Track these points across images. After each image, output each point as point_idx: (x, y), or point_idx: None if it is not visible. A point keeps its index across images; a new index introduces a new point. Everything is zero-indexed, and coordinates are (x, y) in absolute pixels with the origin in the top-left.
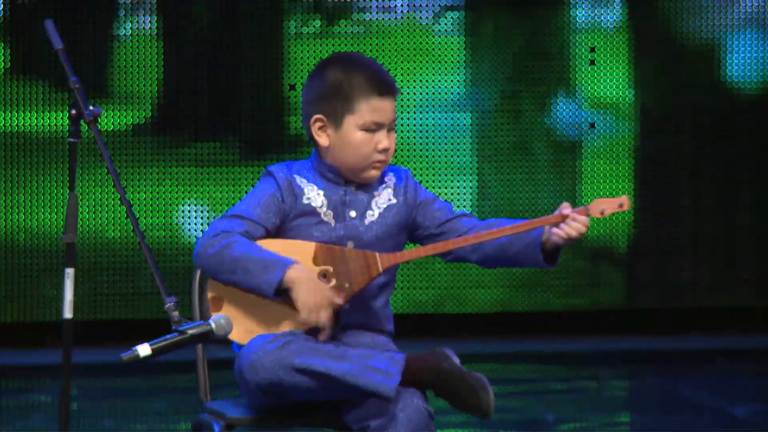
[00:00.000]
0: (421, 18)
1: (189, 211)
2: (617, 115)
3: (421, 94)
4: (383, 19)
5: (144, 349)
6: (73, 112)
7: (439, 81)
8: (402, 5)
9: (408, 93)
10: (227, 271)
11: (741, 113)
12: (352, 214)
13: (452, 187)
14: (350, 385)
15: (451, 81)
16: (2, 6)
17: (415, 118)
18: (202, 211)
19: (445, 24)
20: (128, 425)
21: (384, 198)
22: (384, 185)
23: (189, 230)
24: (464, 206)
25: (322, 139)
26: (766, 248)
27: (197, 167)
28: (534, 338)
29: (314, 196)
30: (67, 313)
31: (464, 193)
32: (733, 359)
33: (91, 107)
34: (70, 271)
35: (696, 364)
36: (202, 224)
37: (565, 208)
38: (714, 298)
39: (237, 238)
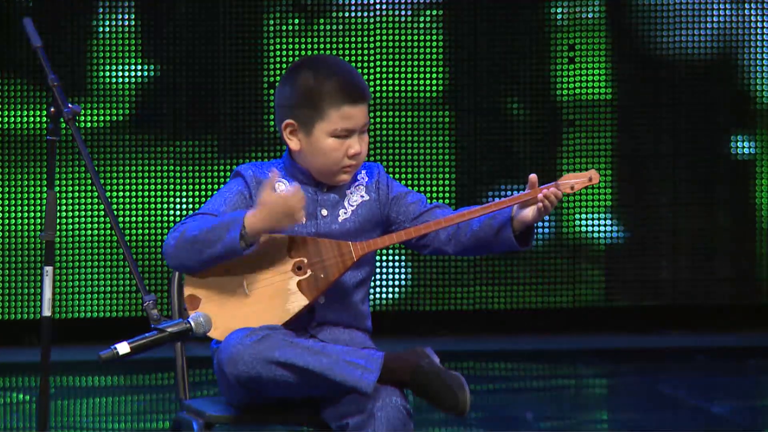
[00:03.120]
0: (400, 16)
1: (168, 209)
2: (596, 113)
3: (400, 92)
4: (362, 17)
5: (123, 347)
6: (52, 109)
7: (419, 79)
8: (381, 3)
9: (387, 91)
10: (194, 254)
11: (720, 111)
12: (324, 212)
13: (431, 186)
14: (328, 380)
15: (431, 79)
16: None
17: (394, 116)
18: (180, 209)
19: (424, 22)
20: (107, 424)
21: (356, 196)
22: (356, 183)
23: (168, 228)
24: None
25: (293, 143)
26: (744, 246)
27: (176, 165)
28: (513, 336)
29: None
30: (46, 311)
31: (443, 192)
32: (712, 357)
33: (69, 105)
34: (48, 269)
35: (675, 361)
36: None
37: (535, 184)
38: (693, 296)
39: (188, 223)
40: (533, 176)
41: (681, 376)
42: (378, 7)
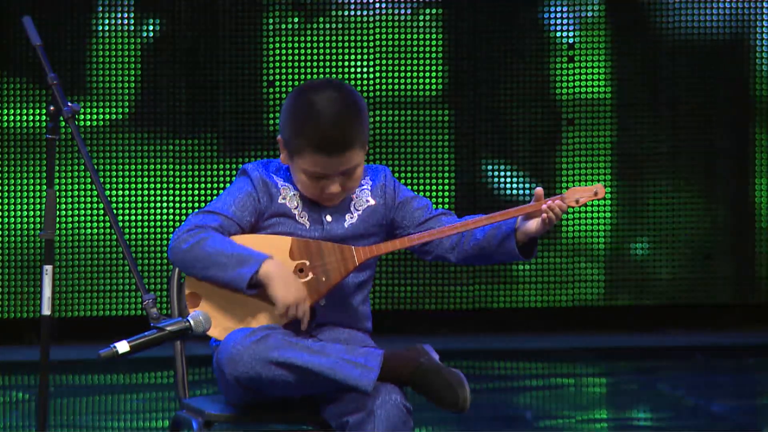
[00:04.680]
0: (399, 14)
1: (167, 208)
2: (595, 112)
3: (398, 90)
4: (362, 15)
5: (122, 346)
6: (52, 108)
7: (417, 77)
8: (380, 1)
9: (386, 90)
10: (201, 266)
11: (719, 110)
12: (329, 218)
13: (430, 184)
14: (328, 379)
15: (429, 77)
16: None
17: (392, 115)
18: (180, 208)
19: (423, 20)
20: (106, 422)
21: (362, 200)
22: (361, 187)
23: (167, 227)
24: (442, 204)
25: (283, 157)
26: (743, 245)
27: (175, 164)
28: (512, 335)
29: (290, 197)
30: (46, 310)
31: (442, 191)
32: (711, 356)
33: (69, 104)
34: (48, 268)
35: (674, 360)
36: (180, 221)
37: (541, 197)
38: (692, 294)
39: (210, 233)
40: (539, 189)
41: (680, 375)
42: (377, 5)
